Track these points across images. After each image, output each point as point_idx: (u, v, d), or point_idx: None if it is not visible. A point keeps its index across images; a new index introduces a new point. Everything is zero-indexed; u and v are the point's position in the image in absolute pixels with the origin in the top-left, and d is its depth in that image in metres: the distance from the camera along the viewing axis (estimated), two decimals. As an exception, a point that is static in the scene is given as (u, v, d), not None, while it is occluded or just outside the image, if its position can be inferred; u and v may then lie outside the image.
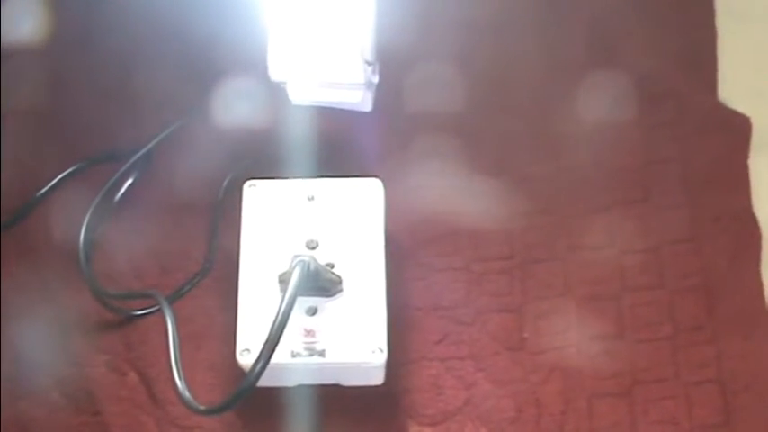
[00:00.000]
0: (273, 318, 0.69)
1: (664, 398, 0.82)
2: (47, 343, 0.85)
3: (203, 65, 0.93)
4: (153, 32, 0.95)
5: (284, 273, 0.75)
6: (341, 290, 0.77)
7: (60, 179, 0.90)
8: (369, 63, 0.82)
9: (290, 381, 0.81)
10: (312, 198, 0.80)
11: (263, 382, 0.70)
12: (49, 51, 0.94)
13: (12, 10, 0.92)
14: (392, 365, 0.79)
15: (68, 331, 0.85)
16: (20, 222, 0.89)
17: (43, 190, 0.89)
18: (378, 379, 0.81)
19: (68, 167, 0.90)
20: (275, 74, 0.82)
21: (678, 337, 0.84)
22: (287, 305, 0.69)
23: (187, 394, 0.72)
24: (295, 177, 0.82)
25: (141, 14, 0.95)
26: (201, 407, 0.72)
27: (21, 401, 0.83)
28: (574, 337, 0.84)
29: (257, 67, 0.81)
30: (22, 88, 0.93)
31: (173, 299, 0.84)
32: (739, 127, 0.91)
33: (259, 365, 0.69)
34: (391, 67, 0.83)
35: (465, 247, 0.87)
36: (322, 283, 0.75)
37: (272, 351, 0.69)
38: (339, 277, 0.76)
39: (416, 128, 0.92)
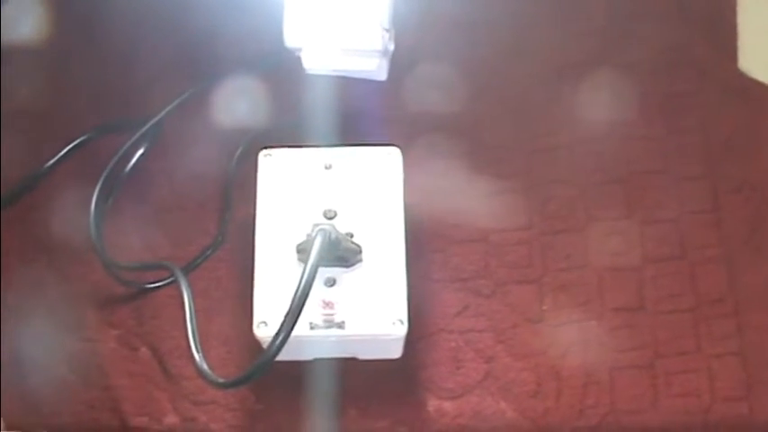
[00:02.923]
0: (294, 289, 0.68)
1: (685, 371, 0.82)
2: (57, 318, 0.83)
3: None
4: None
5: (303, 242, 0.73)
6: (360, 260, 0.75)
7: (69, 150, 0.88)
8: (386, 29, 0.80)
9: (306, 354, 0.79)
10: (329, 167, 0.78)
11: (279, 355, 0.68)
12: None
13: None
14: (410, 339, 0.77)
15: (79, 306, 0.84)
16: (27, 195, 0.87)
17: (50, 162, 0.87)
18: (396, 352, 0.80)
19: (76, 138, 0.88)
20: (291, 40, 0.80)
21: (700, 309, 0.83)
22: (309, 275, 0.67)
23: (205, 367, 0.71)
24: (311, 146, 0.80)
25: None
26: (220, 380, 0.70)
27: (31, 377, 0.81)
28: (594, 310, 0.83)
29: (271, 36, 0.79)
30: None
31: (185, 272, 0.82)
32: (760, 96, 0.90)
33: (280, 338, 0.67)
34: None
35: (482, 219, 0.86)
36: (342, 253, 0.73)
37: (294, 323, 0.67)
38: (359, 247, 0.74)
39: (431, 103, 0.90)
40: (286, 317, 0.67)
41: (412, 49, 0.88)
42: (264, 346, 0.74)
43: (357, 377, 0.80)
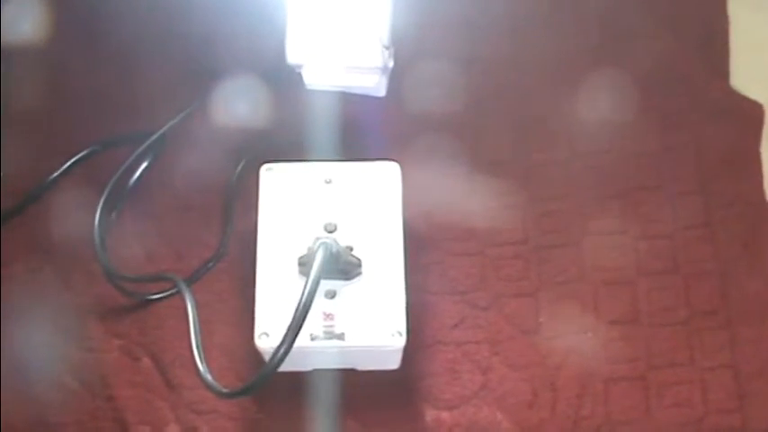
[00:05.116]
0: (295, 300, 0.69)
1: (679, 382, 0.83)
2: (60, 328, 0.84)
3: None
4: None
5: (305, 255, 0.74)
6: (360, 273, 0.76)
7: (73, 163, 0.89)
8: (386, 47, 0.82)
9: (306, 365, 0.81)
10: (330, 181, 0.80)
11: (280, 366, 0.69)
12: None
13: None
14: (408, 350, 0.78)
15: (82, 316, 0.85)
16: (31, 206, 0.88)
17: (54, 175, 0.89)
18: (394, 363, 0.81)
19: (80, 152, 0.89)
20: (293, 57, 0.82)
21: (693, 321, 0.85)
22: (311, 287, 0.69)
23: (209, 377, 0.72)
24: (312, 160, 0.82)
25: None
26: (224, 390, 0.71)
27: (35, 387, 0.82)
28: (589, 322, 0.84)
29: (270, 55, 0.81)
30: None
31: (188, 283, 0.83)
32: (752, 114, 0.91)
33: (283, 348, 0.68)
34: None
35: (480, 233, 0.87)
36: (342, 266, 0.74)
37: (297, 333, 0.68)
38: (359, 260, 0.76)
39: (429, 117, 0.91)
40: (289, 328, 0.69)
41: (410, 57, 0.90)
42: (266, 356, 0.76)
43: (356, 388, 0.82)
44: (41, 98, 0.92)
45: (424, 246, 0.86)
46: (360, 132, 0.89)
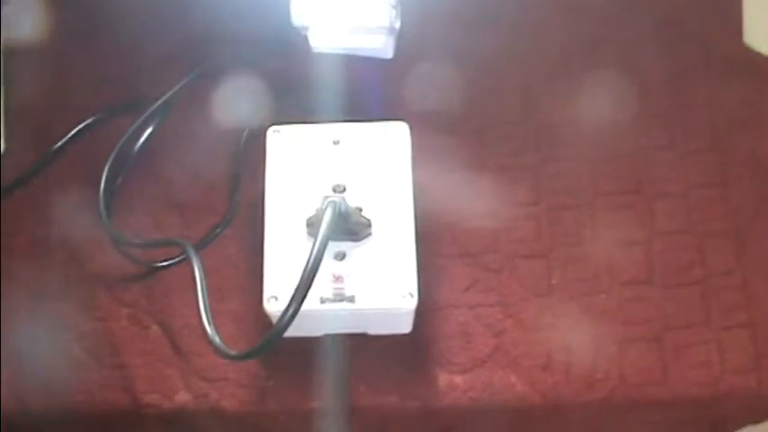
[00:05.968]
0: (304, 260, 0.68)
1: (695, 343, 0.82)
2: (68, 297, 0.84)
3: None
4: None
5: (313, 216, 0.73)
6: (370, 234, 0.75)
7: (78, 131, 0.88)
8: (393, 6, 0.81)
9: (316, 330, 0.80)
10: (338, 142, 0.79)
11: (290, 331, 0.68)
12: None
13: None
14: (420, 313, 0.78)
15: (89, 286, 0.84)
16: (37, 177, 0.87)
17: (60, 143, 0.88)
18: (406, 327, 0.80)
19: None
20: (298, 18, 0.81)
21: (708, 281, 0.83)
22: (320, 246, 0.68)
23: (217, 340, 0.71)
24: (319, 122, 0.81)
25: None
26: (232, 352, 0.70)
27: (42, 357, 0.82)
28: (603, 283, 0.83)
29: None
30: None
31: (195, 249, 0.82)
32: (765, 70, 0.90)
33: (292, 309, 0.67)
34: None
35: (490, 195, 0.86)
36: (352, 226, 0.73)
37: (305, 294, 0.67)
38: (368, 220, 0.75)
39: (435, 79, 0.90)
40: (297, 288, 0.68)
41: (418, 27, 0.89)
42: (275, 321, 0.74)
43: (367, 353, 0.81)
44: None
45: (434, 209, 0.85)
46: (367, 96, 0.88)
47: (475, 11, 0.92)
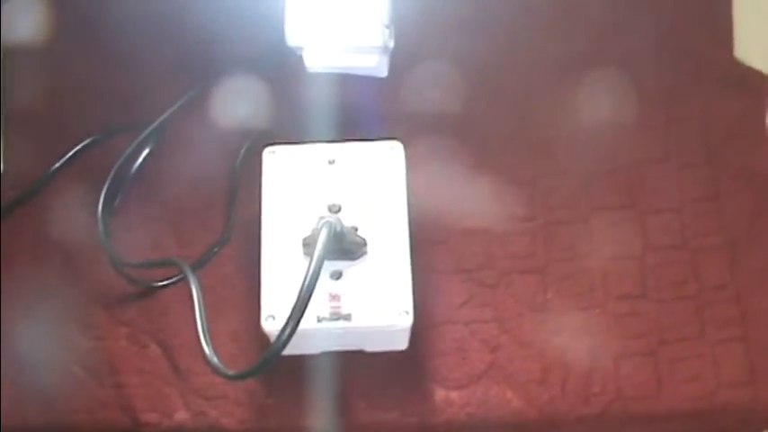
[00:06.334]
0: (301, 280, 0.69)
1: (690, 357, 0.82)
2: (67, 317, 0.84)
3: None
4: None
5: (309, 236, 0.74)
6: (365, 253, 0.76)
7: (76, 152, 0.89)
8: (386, 26, 0.81)
9: (314, 347, 0.80)
10: (333, 162, 0.79)
11: (287, 349, 0.69)
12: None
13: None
14: (416, 330, 0.78)
15: (88, 305, 0.85)
16: (35, 197, 0.88)
17: (58, 164, 0.88)
18: (402, 343, 0.81)
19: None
20: (292, 39, 0.81)
21: (702, 295, 0.84)
22: (315, 266, 0.68)
23: (215, 360, 0.72)
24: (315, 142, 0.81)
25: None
26: (230, 372, 0.71)
27: (41, 376, 0.82)
28: (598, 298, 0.84)
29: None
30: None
31: (192, 269, 0.83)
32: (757, 84, 0.91)
33: (289, 328, 0.68)
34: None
35: (486, 210, 0.86)
36: (347, 246, 0.74)
37: (302, 313, 0.68)
38: (364, 240, 0.75)
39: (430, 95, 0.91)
40: (294, 308, 0.68)
41: (414, 45, 0.89)
42: (273, 340, 0.75)
43: (364, 370, 0.81)
44: (43, 99, 0.91)
45: (429, 224, 0.85)
46: (362, 114, 0.88)
47: (474, 23, 0.93)
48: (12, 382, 0.82)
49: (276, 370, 0.79)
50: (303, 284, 0.68)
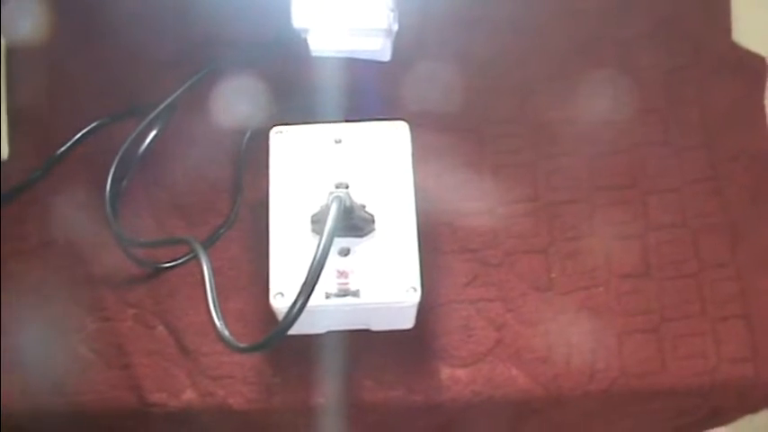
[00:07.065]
0: (309, 257, 0.69)
1: (691, 334, 0.83)
2: (74, 299, 0.84)
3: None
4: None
5: (318, 212, 0.75)
6: (373, 229, 0.77)
7: (82, 135, 0.89)
8: (391, 9, 0.82)
9: (321, 326, 0.81)
10: (339, 141, 0.80)
11: (294, 328, 0.70)
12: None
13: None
14: (422, 309, 0.79)
15: (96, 287, 0.85)
16: (41, 180, 0.88)
17: (63, 147, 0.89)
18: (409, 322, 0.81)
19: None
20: (299, 21, 0.82)
21: (703, 273, 0.85)
22: (327, 239, 0.69)
23: (227, 333, 0.72)
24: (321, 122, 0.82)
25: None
26: (241, 345, 0.71)
27: (50, 358, 0.83)
28: (601, 277, 0.85)
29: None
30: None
31: (201, 245, 0.83)
32: (755, 67, 0.92)
33: (300, 302, 0.68)
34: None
35: (489, 191, 0.87)
36: (356, 222, 0.75)
37: (314, 286, 0.68)
38: (372, 216, 0.76)
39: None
40: (304, 282, 0.69)
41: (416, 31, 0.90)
42: (280, 317, 0.75)
43: (371, 348, 0.82)
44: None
45: (434, 206, 0.86)
46: (367, 98, 0.89)
47: (473, 12, 0.94)
48: (19, 365, 0.82)
49: (283, 349, 0.80)
50: (315, 257, 0.68)
